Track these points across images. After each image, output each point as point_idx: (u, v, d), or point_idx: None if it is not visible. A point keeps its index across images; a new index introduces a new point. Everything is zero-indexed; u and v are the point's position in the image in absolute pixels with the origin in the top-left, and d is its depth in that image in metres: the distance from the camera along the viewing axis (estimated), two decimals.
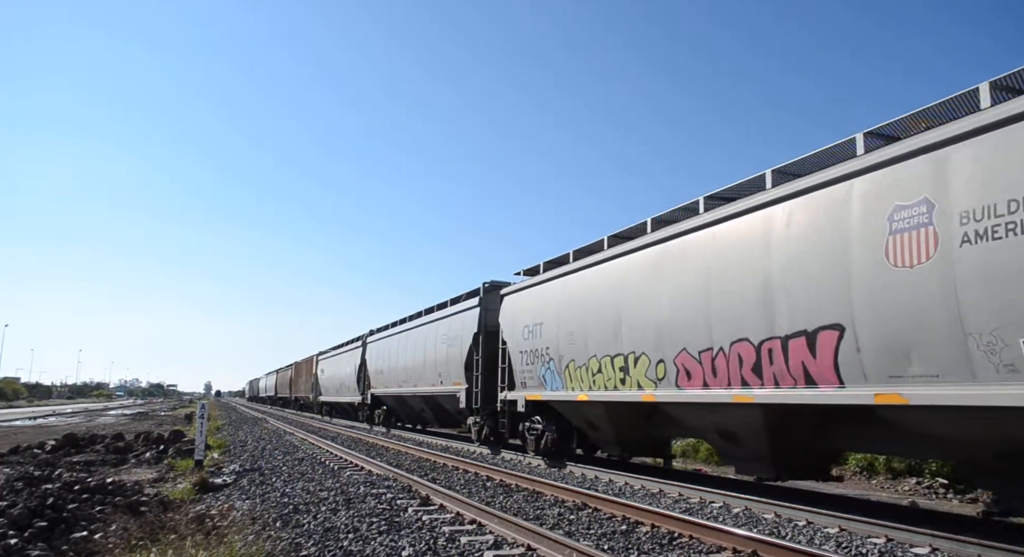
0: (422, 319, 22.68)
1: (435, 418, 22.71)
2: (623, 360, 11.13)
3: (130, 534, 6.94)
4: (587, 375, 12.13)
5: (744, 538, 6.69)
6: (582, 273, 12.77)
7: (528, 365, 14.41)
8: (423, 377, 21.23)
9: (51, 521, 7.64)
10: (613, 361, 11.40)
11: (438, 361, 19.87)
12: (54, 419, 42.48)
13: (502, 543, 6.98)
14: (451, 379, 18.86)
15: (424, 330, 21.93)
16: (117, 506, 8.62)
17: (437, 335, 20.25)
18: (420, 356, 21.74)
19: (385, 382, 26.10)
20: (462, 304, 19.10)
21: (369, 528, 7.65)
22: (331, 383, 38.28)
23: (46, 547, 6.75)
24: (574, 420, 13.68)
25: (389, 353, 25.68)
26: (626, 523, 7.99)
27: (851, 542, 7.10)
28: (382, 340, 27.15)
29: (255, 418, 40.74)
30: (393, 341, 25.47)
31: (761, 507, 8.88)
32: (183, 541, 6.36)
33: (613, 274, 11.72)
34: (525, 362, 14.56)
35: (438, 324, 20.59)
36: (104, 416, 47.20)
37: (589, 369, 12.06)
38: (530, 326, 14.34)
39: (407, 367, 22.98)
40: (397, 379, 24.22)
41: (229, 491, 10.85)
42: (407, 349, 23.27)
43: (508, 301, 16.05)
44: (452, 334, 18.95)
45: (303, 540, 7.07)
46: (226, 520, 7.81)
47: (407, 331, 23.77)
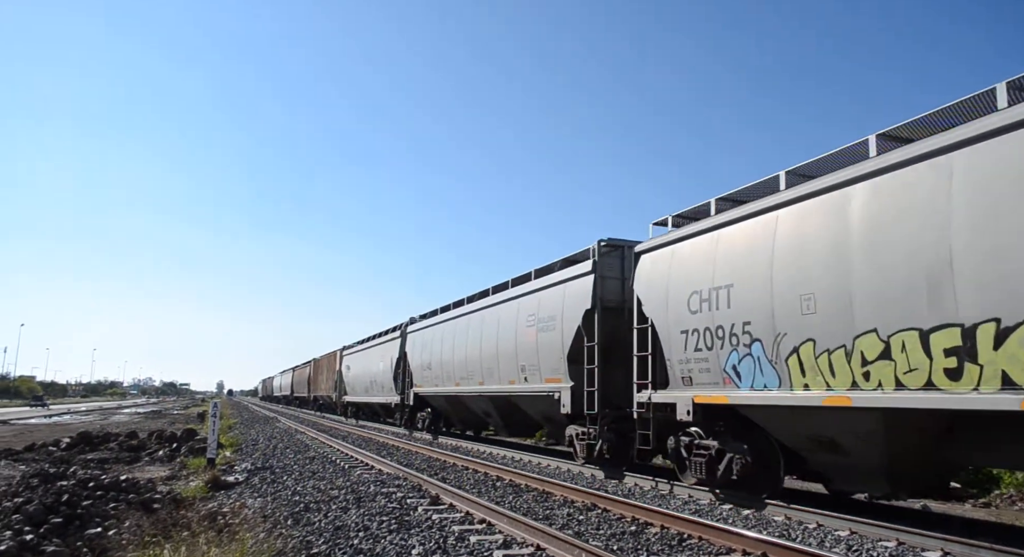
0: (492, 298, 17.95)
1: (504, 424, 18.42)
2: (958, 334, 6.54)
3: (143, 531, 7.01)
4: (846, 364, 7.65)
5: (754, 540, 6.68)
6: (832, 197, 8.10)
7: (698, 351, 9.94)
8: (494, 372, 16.76)
9: (66, 517, 7.74)
10: (928, 338, 6.80)
11: (521, 351, 15.37)
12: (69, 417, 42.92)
13: (511, 543, 6.99)
14: (541, 374, 14.54)
15: (497, 312, 17.20)
16: (131, 503, 8.71)
17: (519, 317, 15.70)
18: (490, 346, 17.13)
19: (434, 379, 21.58)
20: (562, 273, 14.27)
21: (379, 527, 7.68)
22: (359, 381, 34.08)
23: (61, 543, 6.83)
24: (786, 436, 9.10)
25: (441, 344, 21.04)
26: (635, 524, 7.99)
27: (862, 545, 7.07)
28: (429, 329, 22.75)
29: (267, 417, 40.94)
30: (446, 329, 20.86)
31: (771, 509, 8.85)
32: (196, 538, 6.43)
33: (928, 186, 6.97)
34: (692, 347, 10.06)
35: (520, 303, 16.03)
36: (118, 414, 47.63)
37: (856, 354, 7.53)
38: (704, 292, 9.84)
39: (468, 360, 18.52)
40: (452, 375, 19.74)
41: (241, 489, 10.92)
42: (469, 338, 18.73)
43: (651, 261, 11.43)
44: (546, 314, 14.49)
45: (314, 538, 7.12)
46: (238, 518, 7.88)
47: (468, 315, 19.30)
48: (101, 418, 40.99)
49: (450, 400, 21.00)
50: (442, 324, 21.53)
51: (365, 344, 33.40)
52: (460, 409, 20.92)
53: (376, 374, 29.76)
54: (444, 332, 21.07)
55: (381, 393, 29.27)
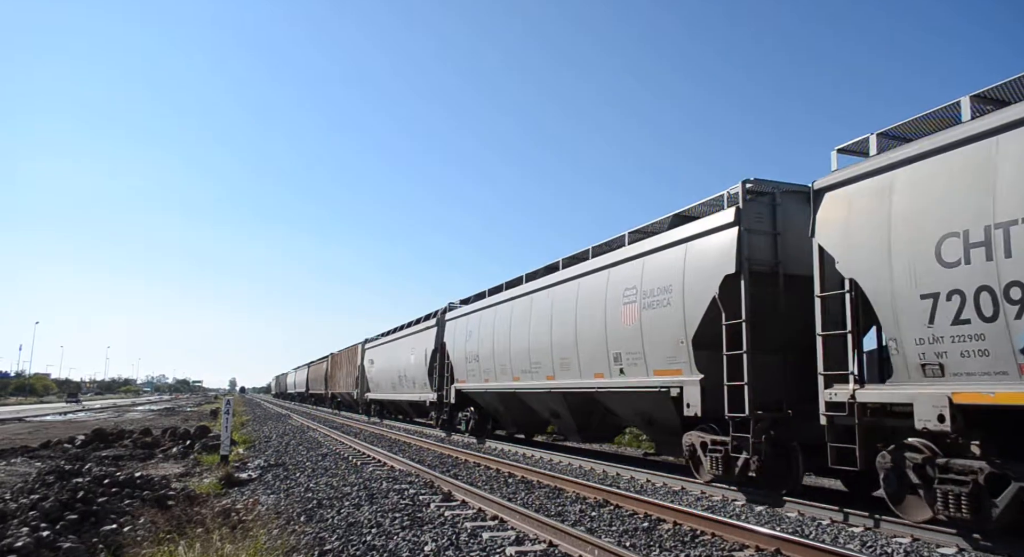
0: (565, 272, 14.51)
1: (579, 427, 14.91)
2: None
3: (158, 527, 7.06)
4: None
5: (767, 536, 6.65)
6: None
7: (962, 324, 6.69)
8: (572, 364, 13.51)
9: (81, 514, 7.80)
10: None
11: (614, 335, 11.99)
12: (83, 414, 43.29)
13: (523, 539, 7.00)
14: (647, 364, 11.13)
15: (573, 289, 13.70)
16: (145, 500, 8.77)
17: (610, 292, 12.21)
18: (565, 331, 13.77)
19: (482, 373, 18.33)
20: (682, 229, 10.82)
21: (392, 523, 7.71)
22: (384, 377, 30.75)
23: (77, 540, 6.88)
24: None
25: (492, 331, 17.76)
26: (648, 520, 7.97)
27: (876, 541, 7.03)
28: (476, 314, 19.48)
29: (279, 414, 41.15)
30: (500, 314, 17.49)
31: (785, 505, 8.81)
32: (210, 535, 6.46)
33: None
34: (947, 318, 6.81)
35: (610, 274, 12.39)
36: (132, 412, 48.00)
37: None
38: (973, 233, 6.64)
39: (532, 350, 15.27)
40: (509, 368, 16.51)
41: (254, 486, 10.99)
42: (533, 322, 15.42)
43: (848, 200, 8.20)
44: (654, 285, 11.03)
45: (327, 534, 7.14)
46: (251, 514, 7.92)
47: (531, 294, 15.89)
48: (115, 415, 41.33)
49: (504, 398, 17.62)
50: (493, 308, 18.11)
51: (392, 336, 30.00)
52: (516, 408, 17.66)
53: (406, 368, 26.69)
54: (497, 317, 17.60)
55: (412, 390, 26.18)
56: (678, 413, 10.49)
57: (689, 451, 10.59)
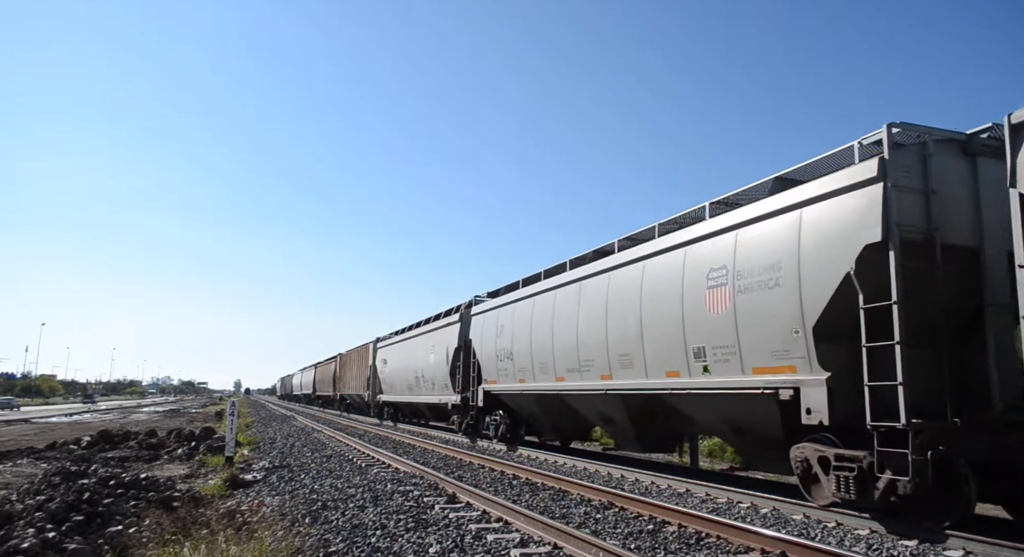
0: (624, 255, 12.46)
1: (638, 434, 12.87)
2: None
3: (163, 529, 7.07)
4: None
5: (773, 539, 6.63)
6: None
7: None
8: (635, 361, 11.60)
9: (87, 515, 7.82)
10: None
11: (693, 326, 10.20)
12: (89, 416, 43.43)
13: (528, 541, 6.99)
14: (743, 361, 9.29)
15: (636, 273, 11.82)
16: (150, 501, 8.79)
17: (688, 275, 10.40)
18: (626, 322, 11.80)
19: (517, 372, 16.44)
20: (791, 194, 8.95)
21: (397, 525, 7.71)
22: (399, 377, 28.92)
23: (82, 541, 6.90)
24: None
25: (530, 325, 15.80)
26: (653, 523, 7.96)
27: (882, 544, 7.00)
28: (508, 307, 17.38)
29: (284, 416, 41.21)
30: (539, 306, 15.55)
31: (790, 508, 8.79)
32: (215, 536, 6.47)
33: None
34: None
35: (687, 253, 10.57)
36: (137, 413, 48.15)
37: None
38: None
39: (582, 345, 13.29)
40: (551, 367, 14.60)
41: (259, 487, 11.00)
42: (583, 314, 13.40)
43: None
44: (754, 264, 9.21)
45: (332, 536, 7.15)
46: (256, 516, 7.93)
47: (579, 282, 13.86)
48: (121, 417, 41.44)
49: (543, 401, 15.67)
50: (530, 299, 16.12)
51: (408, 333, 28.03)
52: (558, 413, 15.67)
53: (424, 368, 24.75)
54: (536, 309, 15.65)
55: (431, 391, 24.31)
56: (783, 420, 8.69)
57: (802, 468, 8.48)
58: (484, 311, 19.25)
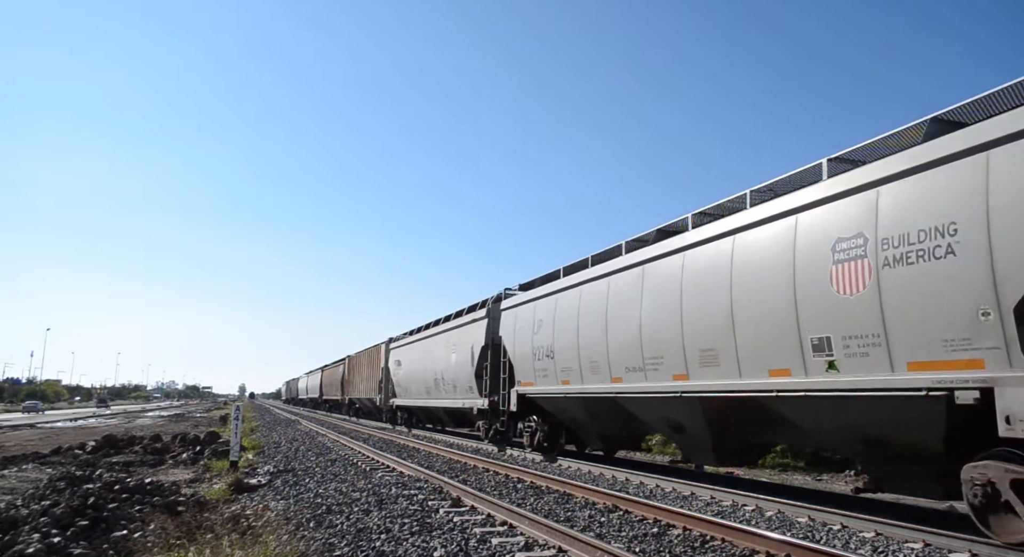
0: (706, 230, 10.46)
1: (715, 444, 10.80)
2: None
3: (168, 533, 7.09)
4: None
5: (778, 542, 6.62)
6: None
7: None
8: (723, 356, 9.71)
9: (92, 520, 7.83)
10: None
11: (817, 311, 8.30)
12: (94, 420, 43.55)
13: (533, 545, 6.99)
14: (923, 348, 7.08)
15: (725, 248, 9.89)
16: (155, 506, 8.81)
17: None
18: (714, 309, 9.87)
19: (559, 372, 14.46)
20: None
21: (401, 529, 7.71)
22: (414, 380, 27.07)
23: (88, 546, 6.91)
24: None
25: (576, 319, 13.78)
26: (658, 525, 7.95)
27: (887, 547, 6.98)
28: (546, 300, 15.47)
29: (288, 420, 41.25)
30: (587, 296, 13.57)
31: (795, 510, 8.77)
32: (219, 541, 6.48)
33: None
34: None
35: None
36: (142, 417, 48.25)
37: None
38: None
39: (648, 339, 11.31)
40: (604, 365, 12.60)
41: (263, 492, 11.00)
42: (648, 303, 11.41)
43: None
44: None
45: (336, 540, 7.15)
46: (261, 520, 7.94)
47: (638, 266, 11.87)
48: (125, 421, 41.53)
49: (593, 405, 13.64)
50: (576, 289, 14.16)
51: (425, 332, 26.12)
52: (610, 418, 13.69)
53: (444, 370, 22.80)
54: (584, 300, 13.68)
55: (451, 395, 22.20)
56: (950, 430, 7.02)
57: (981, 492, 6.63)
58: (516, 305, 17.17)
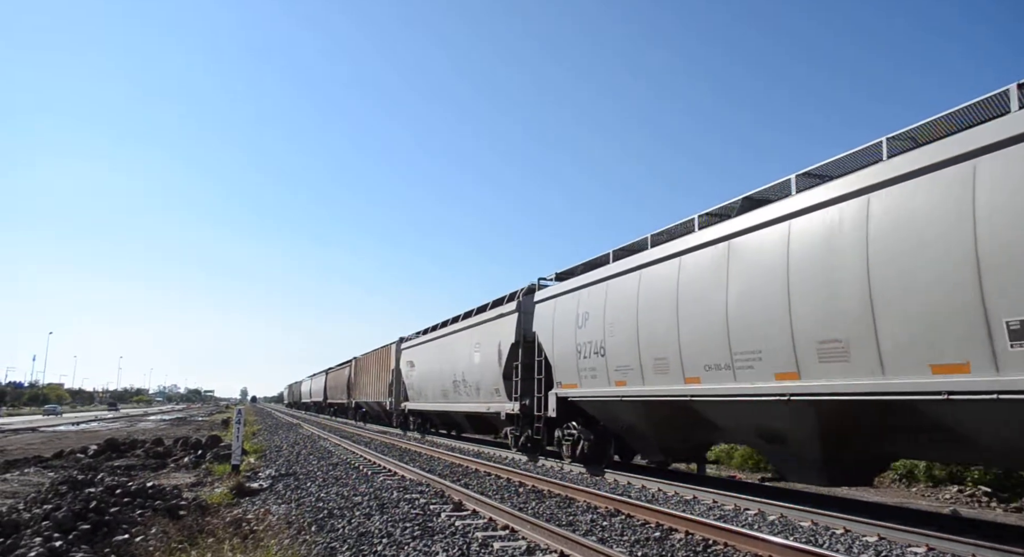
0: (848, 182, 8.14)
1: (826, 455, 8.82)
2: None
3: (170, 537, 7.09)
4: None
5: (781, 546, 6.60)
6: None
7: None
8: (884, 346, 7.40)
9: (94, 524, 7.83)
10: None
11: None
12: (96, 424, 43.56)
13: (535, 549, 6.97)
14: None
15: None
16: (157, 510, 8.80)
17: None
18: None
19: (615, 372, 12.36)
20: None
21: (403, 533, 7.70)
22: (430, 382, 24.88)
23: (89, 550, 6.91)
24: None
25: (635, 308, 11.77)
26: (660, 530, 7.93)
27: (891, 551, 6.97)
28: (596, 287, 13.39)
29: (290, 424, 41.23)
30: (651, 279, 11.54)
31: (797, 515, 8.75)
32: (221, 545, 6.48)
33: None
34: None
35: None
36: (144, 421, 48.23)
37: None
38: None
39: (746, 330, 9.30)
40: (684, 362, 10.43)
41: (265, 496, 11.00)
42: (746, 285, 9.38)
43: None
44: None
45: (338, 544, 7.14)
46: (262, 524, 7.94)
47: (743, 235, 9.63)
48: (127, 425, 41.54)
49: (655, 409, 11.64)
50: (632, 274, 12.11)
51: (442, 330, 24.18)
52: (674, 425, 11.64)
53: (465, 371, 20.89)
54: (644, 288, 11.66)
55: (474, 398, 20.27)
56: None
57: None
58: (554, 296, 15.26)
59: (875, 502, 10.45)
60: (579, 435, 14.47)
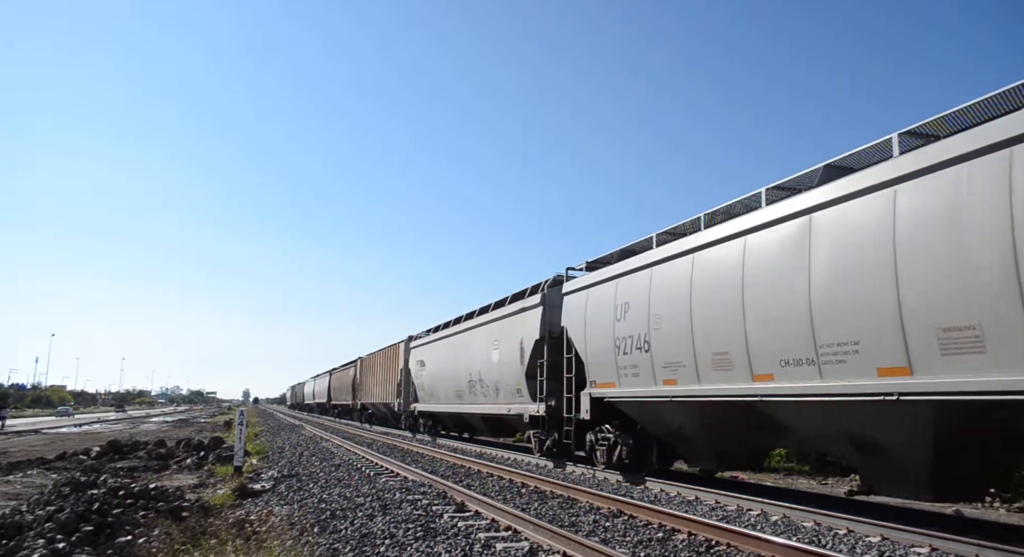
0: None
1: (936, 466, 7.37)
2: None
3: (172, 539, 7.10)
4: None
5: (783, 547, 6.59)
6: None
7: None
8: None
9: (97, 526, 7.84)
10: None
11: None
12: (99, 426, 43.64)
13: (538, 550, 6.96)
14: None
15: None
16: (160, 511, 8.81)
17: None
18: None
19: (662, 370, 11.09)
20: None
21: (405, 534, 7.70)
22: (442, 382, 23.79)
23: (92, 551, 6.92)
24: None
25: (688, 297, 10.49)
26: (663, 531, 7.92)
27: (894, 552, 6.96)
28: (638, 275, 12.01)
29: (292, 425, 41.26)
30: (708, 262, 10.27)
31: (800, 515, 8.74)
32: (224, 546, 6.49)
33: None
34: None
35: None
36: (146, 423, 48.32)
37: None
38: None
39: (848, 317, 7.78)
40: (753, 357, 9.18)
41: (268, 497, 11.00)
42: (849, 263, 7.81)
43: None
44: None
45: (340, 545, 7.14)
46: (265, 525, 7.94)
47: (847, 200, 7.99)
48: (130, 427, 41.60)
49: (711, 411, 10.35)
50: (684, 258, 10.80)
51: (456, 328, 22.87)
52: (733, 428, 10.36)
53: (483, 370, 19.61)
54: (698, 272, 10.39)
55: (492, 399, 19.06)
56: None
57: None
58: (587, 286, 13.99)
59: (878, 502, 10.42)
60: (616, 439, 13.17)
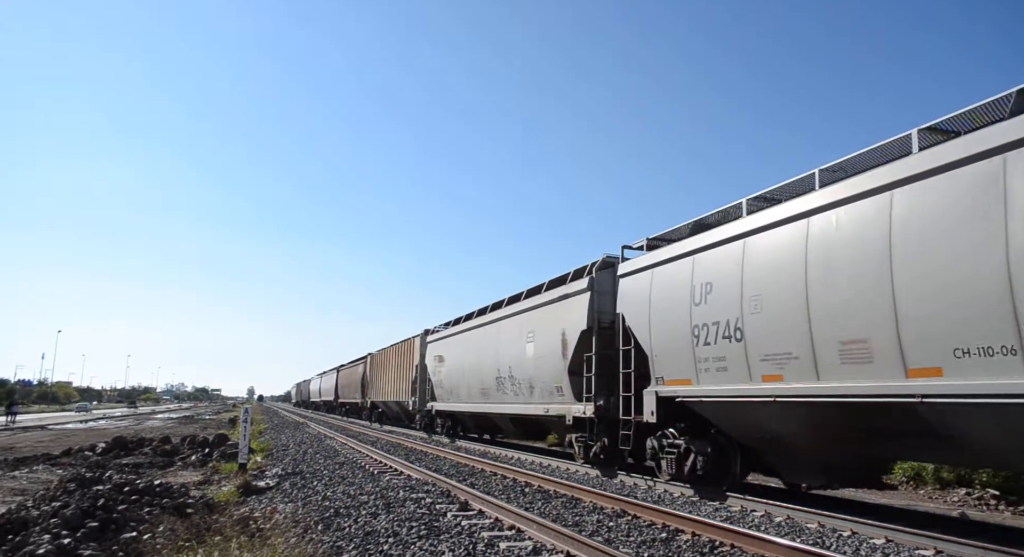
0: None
1: None
2: None
3: (177, 535, 7.13)
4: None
5: (787, 548, 6.58)
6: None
7: None
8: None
9: (102, 522, 7.87)
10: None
11: None
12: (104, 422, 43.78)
13: (541, 549, 6.97)
14: None
15: None
16: (164, 508, 8.85)
17: None
18: None
19: (760, 363, 9.17)
20: None
21: (409, 532, 7.71)
22: (464, 379, 21.86)
23: (97, 547, 6.95)
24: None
25: (808, 273, 8.38)
26: (666, 531, 7.92)
27: (898, 554, 6.94)
28: (722, 249, 10.12)
29: (296, 423, 41.33)
30: (840, 228, 8.01)
31: (804, 516, 8.72)
32: (228, 543, 6.51)
33: None
34: None
35: None
36: (152, 419, 48.46)
37: None
38: None
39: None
40: (908, 347, 7.03)
41: (272, 494, 11.03)
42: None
43: None
44: None
45: (344, 543, 7.15)
46: (269, 522, 7.97)
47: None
48: (135, 423, 41.74)
49: (827, 415, 8.42)
50: (791, 224, 8.88)
51: (480, 319, 20.85)
52: (858, 435, 8.49)
53: (513, 366, 17.54)
54: (817, 239, 8.40)
55: (526, 398, 16.94)
56: None
57: None
58: (650, 266, 11.94)
59: (882, 504, 10.40)
60: (687, 446, 11.03)
